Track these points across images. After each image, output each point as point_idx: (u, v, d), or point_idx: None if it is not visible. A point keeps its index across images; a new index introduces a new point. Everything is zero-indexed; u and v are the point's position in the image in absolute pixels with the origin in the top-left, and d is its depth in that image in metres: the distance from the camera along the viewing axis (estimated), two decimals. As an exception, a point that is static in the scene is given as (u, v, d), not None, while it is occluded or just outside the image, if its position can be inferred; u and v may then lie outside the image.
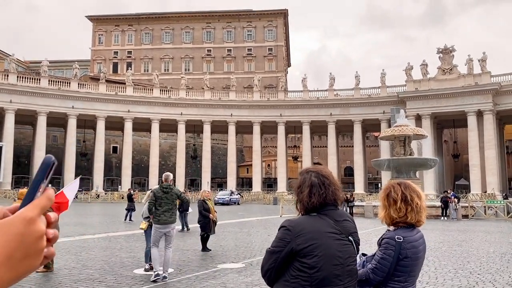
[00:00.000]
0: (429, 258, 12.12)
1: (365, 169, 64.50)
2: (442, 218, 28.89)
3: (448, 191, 32.99)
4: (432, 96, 55.16)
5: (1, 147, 52.24)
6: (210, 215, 13.77)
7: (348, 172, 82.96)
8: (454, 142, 68.18)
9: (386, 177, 42.17)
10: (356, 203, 34.07)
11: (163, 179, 9.82)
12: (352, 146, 65.25)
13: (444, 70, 55.81)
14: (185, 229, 19.70)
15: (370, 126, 63.92)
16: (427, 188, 50.83)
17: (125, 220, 24.22)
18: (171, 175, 9.92)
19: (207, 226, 13.66)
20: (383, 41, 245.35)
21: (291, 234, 2.62)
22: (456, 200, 29.92)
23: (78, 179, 10.09)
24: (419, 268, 3.12)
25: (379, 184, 55.47)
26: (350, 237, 2.73)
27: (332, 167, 62.14)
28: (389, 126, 45.45)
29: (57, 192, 10.11)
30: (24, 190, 10.27)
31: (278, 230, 2.71)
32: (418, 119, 55.08)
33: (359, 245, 2.83)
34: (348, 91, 62.47)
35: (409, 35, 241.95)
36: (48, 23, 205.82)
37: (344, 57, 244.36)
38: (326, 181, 2.79)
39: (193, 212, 20.53)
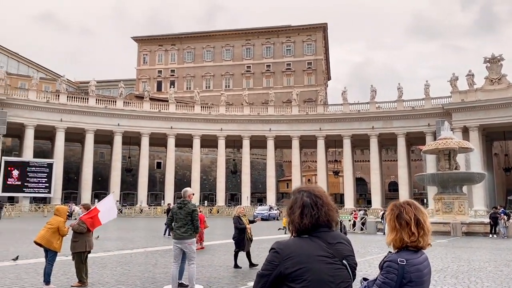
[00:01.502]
0: (471, 279, 11.45)
1: (411, 184, 62.42)
2: (491, 235, 27.32)
3: (498, 207, 31.23)
4: (479, 107, 52.84)
5: (52, 163, 54.92)
6: (247, 225, 13.68)
7: (393, 187, 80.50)
8: (506, 155, 64.65)
9: (432, 192, 40.46)
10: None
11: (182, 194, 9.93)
12: (396, 160, 63.43)
13: (492, 80, 53.41)
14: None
15: (415, 139, 61.98)
16: (476, 203, 48.47)
17: (164, 235, 24.59)
18: (189, 191, 9.91)
19: (241, 242, 13.59)
20: (430, 52, 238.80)
21: (279, 257, 2.53)
22: (506, 217, 28.23)
23: (111, 194, 10.41)
24: None
25: (425, 200, 53.32)
26: (344, 261, 2.60)
27: (375, 182, 60.67)
28: (435, 139, 43.89)
29: (92, 207, 10.47)
30: (60, 207, 10.68)
31: (268, 252, 2.63)
32: (465, 131, 52.85)
33: (355, 269, 2.69)
34: (391, 104, 61.03)
35: (458, 45, 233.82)
36: (99, 45, 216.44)
37: (389, 69, 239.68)
38: (319, 201, 2.68)
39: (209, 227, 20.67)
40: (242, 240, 13.61)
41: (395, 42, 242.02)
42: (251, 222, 14.58)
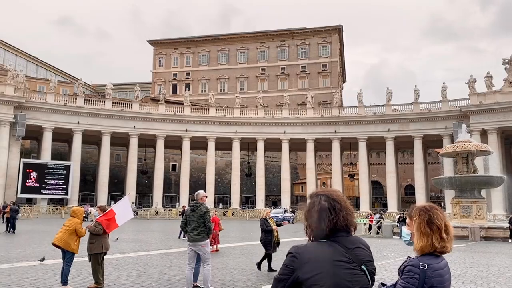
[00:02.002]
0: (491, 285, 11.21)
1: (427, 187, 61.56)
2: (510, 240, 26.74)
3: (518, 212, 30.55)
4: (498, 109, 51.86)
5: (70, 166, 55.73)
6: (273, 226, 13.55)
7: (409, 191, 79.56)
8: (526, 158, 63.29)
9: (449, 196, 39.79)
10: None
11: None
12: (413, 163, 62.63)
13: (511, 82, 52.43)
14: None
15: (432, 142, 61.15)
16: (495, 208, 47.56)
17: (179, 237, 24.67)
18: (201, 193, 9.95)
19: (268, 245, 13.45)
20: (447, 54, 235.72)
21: (297, 261, 2.49)
22: (526, 221, 27.58)
23: (127, 196, 10.50)
24: None
25: (442, 204, 52.46)
26: (363, 266, 2.55)
27: (391, 185, 60.02)
28: (452, 142, 43.28)
29: (108, 209, 10.56)
30: (76, 208, 10.82)
31: (286, 256, 2.60)
32: (484, 134, 51.93)
33: (374, 274, 2.64)
34: (407, 106, 60.35)
35: (476, 47, 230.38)
36: (116, 48, 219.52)
37: (405, 71, 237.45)
38: (337, 205, 2.64)
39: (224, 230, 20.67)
40: (269, 242, 13.47)
41: (411, 44, 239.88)
42: (278, 225, 14.46)
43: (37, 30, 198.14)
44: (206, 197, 10.57)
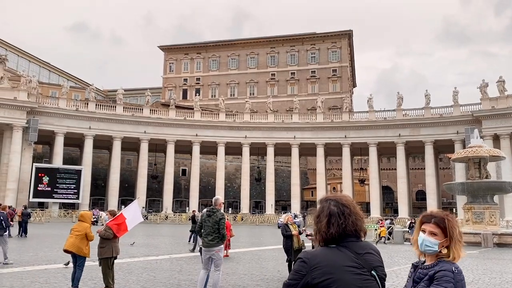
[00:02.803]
0: (505, 293, 11.02)
1: (439, 193, 60.90)
2: (525, 247, 26.26)
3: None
4: (511, 114, 51.24)
5: (81, 170, 56.23)
6: (294, 231, 13.19)
7: (420, 196, 78.80)
8: (540, 163, 62.34)
9: (461, 202, 39.31)
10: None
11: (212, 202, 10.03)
12: (424, 168, 62.04)
13: (524, 86, 51.76)
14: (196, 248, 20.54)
15: (443, 147, 60.56)
16: (508, 213, 46.90)
17: (189, 241, 24.70)
18: (220, 199, 10.04)
19: (289, 250, 13.23)
20: (460, 58, 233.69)
21: (306, 266, 2.50)
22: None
23: (136, 200, 10.57)
24: None
25: (454, 210, 51.84)
26: (373, 272, 2.54)
27: (402, 191, 59.50)
28: (464, 147, 42.78)
29: (118, 214, 10.63)
30: (84, 212, 10.91)
31: (295, 261, 2.60)
32: (496, 139, 51.29)
33: (384, 280, 2.63)
34: (418, 111, 59.90)
35: (490, 51, 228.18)
36: (129, 54, 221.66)
37: (418, 76, 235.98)
38: (346, 210, 2.64)
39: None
40: (290, 247, 13.27)
41: (424, 48, 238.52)
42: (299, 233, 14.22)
43: (53, 37, 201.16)
44: (224, 203, 10.61)
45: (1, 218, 15.53)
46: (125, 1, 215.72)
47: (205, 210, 10.48)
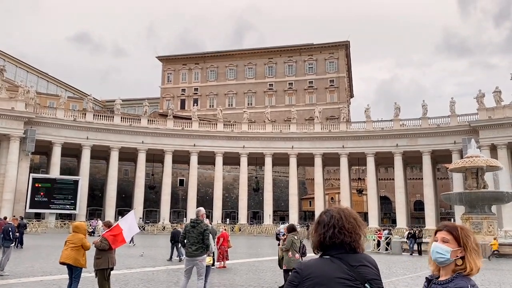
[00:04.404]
0: (503, 304, 10.95)
1: (437, 203, 60.87)
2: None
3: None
4: (508, 124, 51.44)
5: (78, 180, 56.02)
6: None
7: (418, 207, 78.71)
8: (537, 173, 62.45)
9: (459, 212, 39.25)
10: (425, 240, 31.97)
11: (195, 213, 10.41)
12: (422, 178, 62.07)
13: (520, 97, 52.07)
14: (178, 258, 20.82)
15: (441, 158, 60.66)
16: (506, 224, 46.82)
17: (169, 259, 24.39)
18: (202, 210, 10.50)
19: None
20: (460, 69, 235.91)
21: (299, 277, 2.52)
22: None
23: (132, 211, 10.58)
24: None
25: (452, 220, 51.75)
26: (366, 285, 2.53)
27: (400, 201, 59.44)
28: (461, 157, 42.91)
29: (114, 225, 10.57)
30: (78, 223, 10.84)
31: (291, 272, 2.62)
32: (493, 149, 51.44)
33: (379, 293, 2.60)
34: (415, 121, 60.14)
35: (489, 62, 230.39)
36: (130, 64, 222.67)
37: (418, 86, 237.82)
38: (345, 223, 2.65)
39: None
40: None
41: (424, 59, 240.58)
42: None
43: (55, 47, 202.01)
44: (205, 214, 10.94)
45: (10, 229, 15.43)
46: (128, 12, 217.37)
47: (188, 221, 10.79)
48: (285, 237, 12.47)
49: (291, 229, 12.04)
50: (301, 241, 11.90)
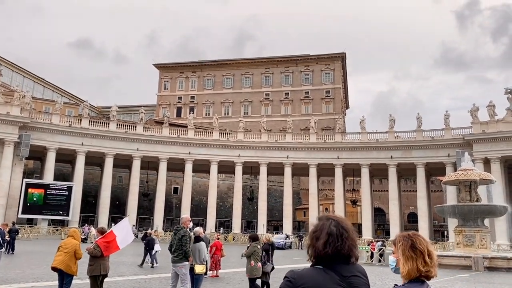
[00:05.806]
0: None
1: (430, 215, 61.03)
2: (516, 271, 26.25)
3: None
4: (501, 138, 51.87)
5: (72, 187, 55.69)
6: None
7: (412, 219, 78.86)
8: (530, 187, 62.82)
9: (453, 225, 39.38)
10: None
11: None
12: (416, 190, 62.26)
13: (513, 111, 52.58)
14: (151, 265, 21.09)
15: (435, 170, 60.92)
16: (498, 237, 46.97)
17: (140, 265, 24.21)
18: (184, 217, 10.98)
19: None
20: (457, 83, 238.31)
21: (291, 286, 2.55)
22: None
23: (126, 218, 10.63)
24: None
25: (445, 232, 51.89)
26: (357, 294, 2.58)
27: (394, 213, 59.53)
28: (455, 170, 43.08)
29: (108, 231, 10.57)
30: (72, 229, 10.83)
31: (283, 280, 2.65)
32: (487, 163, 51.77)
33: (369, 303, 2.66)
34: (410, 133, 60.49)
35: (486, 77, 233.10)
36: (130, 72, 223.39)
37: (415, 99, 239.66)
38: (344, 233, 2.70)
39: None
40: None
41: (422, 73, 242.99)
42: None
43: (56, 52, 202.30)
44: (190, 221, 11.06)
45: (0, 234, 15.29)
46: (130, 19, 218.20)
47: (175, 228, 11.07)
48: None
49: (254, 238, 12.54)
50: (263, 251, 12.30)
